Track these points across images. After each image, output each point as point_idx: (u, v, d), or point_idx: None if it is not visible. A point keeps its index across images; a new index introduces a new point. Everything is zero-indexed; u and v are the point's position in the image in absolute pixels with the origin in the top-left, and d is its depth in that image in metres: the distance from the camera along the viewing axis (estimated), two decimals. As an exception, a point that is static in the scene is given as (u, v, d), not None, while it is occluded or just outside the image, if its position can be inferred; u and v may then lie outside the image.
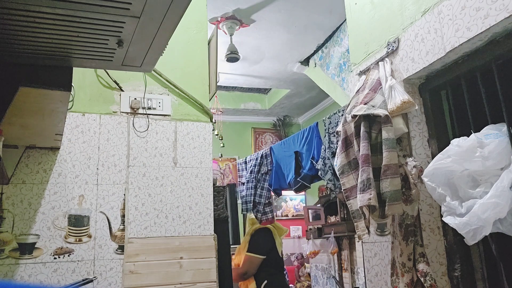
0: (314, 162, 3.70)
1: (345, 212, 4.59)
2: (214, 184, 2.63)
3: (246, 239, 3.36)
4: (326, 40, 4.71)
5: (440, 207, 1.67)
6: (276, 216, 6.85)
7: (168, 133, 2.55)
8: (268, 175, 4.69)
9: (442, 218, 1.63)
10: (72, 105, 2.35)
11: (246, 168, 5.03)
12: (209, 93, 2.76)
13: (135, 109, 2.50)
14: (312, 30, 4.48)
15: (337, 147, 2.15)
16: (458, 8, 1.68)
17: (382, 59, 2.09)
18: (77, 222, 2.25)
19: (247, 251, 3.17)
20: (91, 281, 2.14)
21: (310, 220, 5.29)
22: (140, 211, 2.38)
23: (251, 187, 4.80)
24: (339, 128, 2.09)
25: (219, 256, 2.49)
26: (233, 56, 4.48)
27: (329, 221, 4.83)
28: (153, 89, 2.59)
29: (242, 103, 6.67)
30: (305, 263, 6.01)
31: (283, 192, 5.74)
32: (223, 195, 2.69)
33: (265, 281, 3.05)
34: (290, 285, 5.88)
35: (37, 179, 2.22)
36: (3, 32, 1.20)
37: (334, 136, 3.26)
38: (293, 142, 4.24)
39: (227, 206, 3.71)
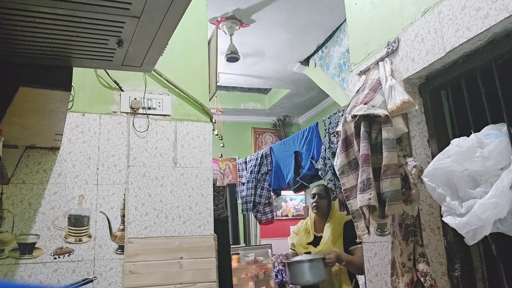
0: (313, 162, 3.70)
1: (345, 212, 4.58)
2: (214, 184, 2.63)
3: (337, 231, 2.71)
4: (326, 40, 4.72)
5: (440, 207, 1.67)
6: (276, 216, 6.86)
7: (168, 133, 2.55)
8: (268, 175, 4.69)
9: (442, 218, 1.62)
10: (72, 105, 2.36)
11: (246, 168, 5.03)
12: (209, 93, 2.76)
13: (135, 109, 2.50)
14: (312, 30, 4.48)
15: (337, 147, 2.15)
16: (458, 8, 1.68)
17: (382, 59, 2.09)
18: (77, 222, 2.25)
19: (354, 245, 2.59)
20: (91, 281, 2.14)
21: (310, 220, 5.28)
22: (140, 211, 2.39)
23: (251, 187, 4.81)
24: (339, 128, 2.09)
25: (219, 256, 2.49)
26: (233, 56, 4.48)
27: (329, 221, 4.82)
28: (153, 89, 2.59)
29: (242, 103, 6.67)
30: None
31: (284, 192, 5.75)
32: (223, 195, 2.69)
33: (354, 280, 2.65)
34: (291, 285, 5.88)
35: (37, 179, 2.22)
36: (3, 32, 1.20)
37: (334, 136, 3.26)
38: (293, 142, 4.25)
39: (227, 206, 3.69)
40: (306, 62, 5.24)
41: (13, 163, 2.18)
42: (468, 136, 1.61)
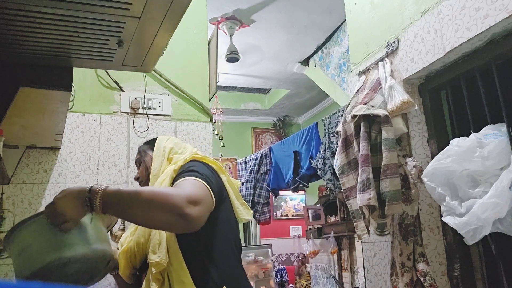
0: (312, 162, 3.70)
1: (345, 212, 4.59)
2: (214, 184, 2.63)
3: (163, 184, 1.31)
4: (326, 40, 4.72)
5: (440, 207, 1.67)
6: (276, 216, 6.87)
7: (169, 133, 2.55)
8: (267, 175, 4.70)
9: (442, 218, 1.63)
10: (73, 105, 2.36)
11: (245, 168, 5.04)
12: (209, 93, 2.76)
13: (135, 109, 2.51)
14: (312, 30, 4.49)
15: (337, 147, 2.15)
16: (457, 8, 1.68)
17: (381, 59, 2.09)
18: (77, 222, 2.25)
19: (183, 177, 1.17)
20: (91, 281, 2.14)
21: (310, 220, 5.30)
22: (140, 211, 2.38)
23: (250, 187, 4.81)
24: (339, 128, 2.09)
25: (219, 256, 2.48)
26: (233, 56, 4.49)
27: (329, 221, 4.84)
28: (153, 89, 2.59)
29: (242, 103, 6.67)
30: (306, 263, 6.02)
31: (283, 192, 5.76)
32: (223, 195, 2.69)
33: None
34: (290, 285, 5.89)
35: (37, 179, 2.23)
36: (4, 32, 1.20)
37: (334, 136, 3.26)
38: (293, 142, 4.25)
39: (227, 206, 3.68)
40: (306, 62, 5.24)
41: (13, 163, 2.18)
42: (467, 136, 1.62)
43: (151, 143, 1.49)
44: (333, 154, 3.25)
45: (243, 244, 5.99)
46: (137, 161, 1.52)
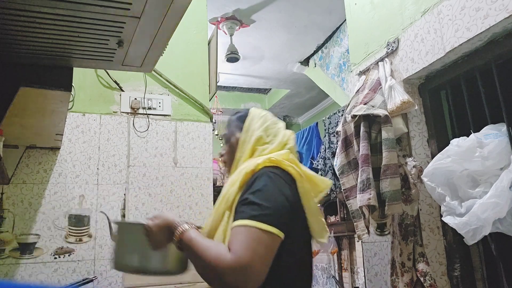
0: (314, 162, 3.70)
1: (345, 212, 4.59)
2: (214, 184, 2.63)
3: (233, 191, 1.16)
4: (326, 40, 4.72)
5: (440, 207, 1.67)
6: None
7: (168, 133, 2.55)
8: (268, 175, 4.69)
9: (442, 218, 1.63)
10: (73, 105, 2.36)
11: (246, 168, 5.03)
12: (209, 93, 2.77)
13: (135, 109, 2.51)
14: (312, 30, 4.48)
15: (337, 147, 2.15)
16: (457, 8, 1.68)
17: (381, 59, 2.09)
18: (78, 222, 2.26)
19: (240, 218, 1.02)
20: (91, 280, 2.14)
21: (310, 220, 5.28)
22: (141, 211, 2.39)
23: (251, 187, 4.80)
24: (339, 128, 2.09)
25: (219, 256, 2.48)
26: (233, 56, 4.48)
27: (329, 221, 4.84)
28: (153, 89, 2.59)
29: (242, 103, 6.67)
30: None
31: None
32: (223, 195, 2.69)
33: None
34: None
35: (37, 179, 2.23)
36: (4, 32, 1.20)
37: (334, 136, 3.27)
38: (293, 142, 4.24)
39: (227, 206, 3.68)
40: (306, 62, 5.24)
41: (13, 163, 2.18)
42: (467, 136, 1.62)
43: (241, 120, 1.28)
44: (333, 154, 3.25)
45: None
46: (224, 136, 1.34)
